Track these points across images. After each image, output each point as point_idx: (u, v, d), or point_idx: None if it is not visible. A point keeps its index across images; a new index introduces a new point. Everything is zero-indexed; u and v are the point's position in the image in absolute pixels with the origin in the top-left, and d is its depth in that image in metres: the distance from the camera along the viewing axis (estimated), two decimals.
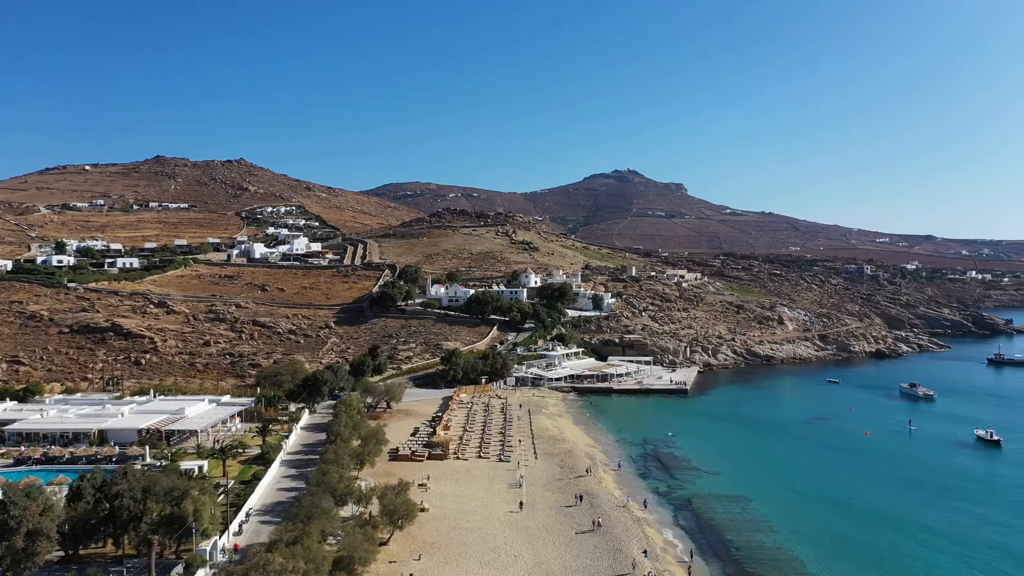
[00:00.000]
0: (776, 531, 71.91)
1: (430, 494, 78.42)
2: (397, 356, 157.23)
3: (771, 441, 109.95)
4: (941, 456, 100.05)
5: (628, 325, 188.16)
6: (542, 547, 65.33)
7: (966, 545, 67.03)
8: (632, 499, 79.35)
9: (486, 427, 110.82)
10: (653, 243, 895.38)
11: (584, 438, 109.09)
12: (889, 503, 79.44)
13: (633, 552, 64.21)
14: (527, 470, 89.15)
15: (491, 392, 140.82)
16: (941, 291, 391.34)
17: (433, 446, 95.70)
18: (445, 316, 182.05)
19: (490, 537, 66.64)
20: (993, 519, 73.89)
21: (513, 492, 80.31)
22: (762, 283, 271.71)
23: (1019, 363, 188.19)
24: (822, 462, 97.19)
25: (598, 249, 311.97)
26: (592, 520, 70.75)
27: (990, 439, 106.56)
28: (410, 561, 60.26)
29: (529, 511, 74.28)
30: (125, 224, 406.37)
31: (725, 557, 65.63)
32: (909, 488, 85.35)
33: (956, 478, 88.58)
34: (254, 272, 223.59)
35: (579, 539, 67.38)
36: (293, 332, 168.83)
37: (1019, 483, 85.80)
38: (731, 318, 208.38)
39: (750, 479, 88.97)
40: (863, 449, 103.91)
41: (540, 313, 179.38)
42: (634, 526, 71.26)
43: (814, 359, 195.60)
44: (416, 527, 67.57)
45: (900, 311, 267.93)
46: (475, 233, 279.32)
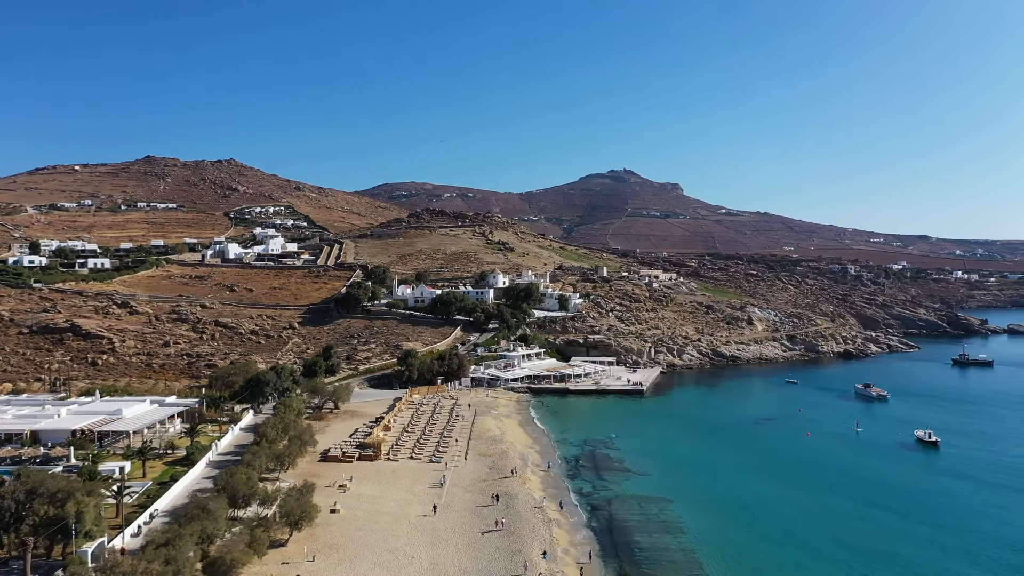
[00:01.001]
0: (685, 533, 72.10)
1: (348, 495, 78.70)
2: (356, 356, 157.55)
3: (711, 443, 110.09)
4: (873, 459, 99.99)
5: (594, 326, 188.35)
6: (444, 548, 65.55)
7: (858, 554, 66.40)
8: (549, 500, 79.56)
9: (427, 428, 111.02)
10: (647, 243, 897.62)
11: (524, 439, 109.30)
12: (801, 508, 79.24)
13: (532, 553, 64.45)
14: (455, 471, 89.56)
15: (445, 393, 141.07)
16: (925, 291, 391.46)
17: (365, 447, 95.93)
18: (409, 317, 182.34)
19: (393, 538, 66.85)
20: (896, 527, 73.28)
21: (433, 493, 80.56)
22: (738, 283, 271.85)
23: (983, 363, 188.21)
24: (752, 464, 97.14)
25: (575, 250, 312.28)
26: (495, 520, 71.02)
27: (928, 440, 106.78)
28: (303, 562, 60.47)
29: (443, 512, 74.52)
30: (112, 224, 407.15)
31: (626, 558, 65.82)
32: (826, 492, 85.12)
33: (877, 483, 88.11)
34: (225, 272, 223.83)
35: (483, 540, 67.58)
36: (255, 333, 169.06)
37: (936, 489, 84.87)
38: (700, 318, 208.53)
39: (677, 481, 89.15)
40: (797, 451, 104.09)
41: (504, 314, 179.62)
42: (543, 527, 71.46)
43: (781, 359, 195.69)
44: (322, 528, 67.92)
45: (875, 311, 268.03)
46: (452, 233, 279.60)
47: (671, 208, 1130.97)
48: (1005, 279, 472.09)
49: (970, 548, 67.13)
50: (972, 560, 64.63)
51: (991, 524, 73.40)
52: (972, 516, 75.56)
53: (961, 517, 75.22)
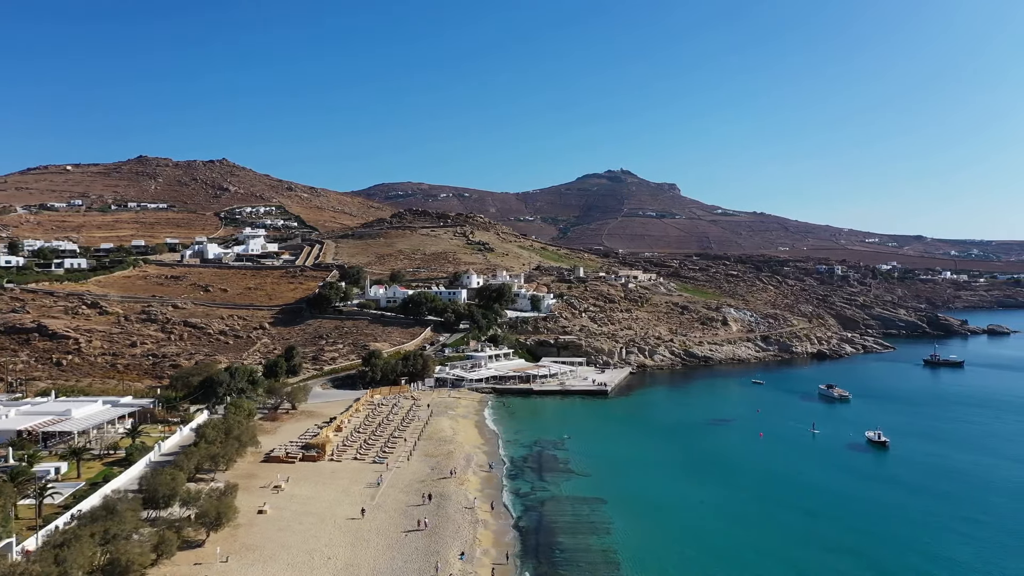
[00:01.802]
0: (611, 534, 72.23)
1: (280, 496, 78.94)
2: (322, 357, 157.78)
3: (661, 444, 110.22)
4: (819, 461, 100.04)
5: (566, 326, 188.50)
6: (363, 549, 65.78)
7: (767, 558, 66.35)
8: (483, 500, 79.79)
9: (379, 429, 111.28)
10: (643, 243, 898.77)
11: (476, 440, 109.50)
12: (730, 510, 78.97)
13: (449, 554, 64.75)
14: (396, 472, 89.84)
15: (407, 393, 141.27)
16: (912, 292, 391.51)
17: (309, 448, 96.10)
18: (380, 317, 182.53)
19: (314, 539, 67.05)
20: (818, 533, 72.57)
21: (368, 493, 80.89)
22: (718, 284, 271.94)
23: (953, 364, 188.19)
24: (697, 466, 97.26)
25: (557, 250, 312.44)
26: (418, 520, 71.35)
27: (878, 441, 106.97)
28: (216, 563, 60.68)
29: (372, 512, 74.75)
30: (102, 224, 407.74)
31: (544, 559, 65.99)
32: (762, 494, 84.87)
33: (814, 486, 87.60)
34: (202, 273, 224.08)
35: (405, 540, 67.83)
36: (224, 333, 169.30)
37: (870, 496, 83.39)
38: (674, 319, 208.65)
39: (617, 482, 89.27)
40: (746, 453, 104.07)
41: (475, 314, 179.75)
42: (468, 528, 71.70)
43: (754, 360, 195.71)
44: (244, 529, 68.21)
45: (855, 312, 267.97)
46: (433, 234, 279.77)
47: (667, 208, 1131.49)
48: (994, 279, 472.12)
49: (886, 557, 66.46)
50: (881, 570, 64.12)
51: (912, 532, 72.35)
52: (900, 524, 74.55)
53: (888, 524, 74.32)
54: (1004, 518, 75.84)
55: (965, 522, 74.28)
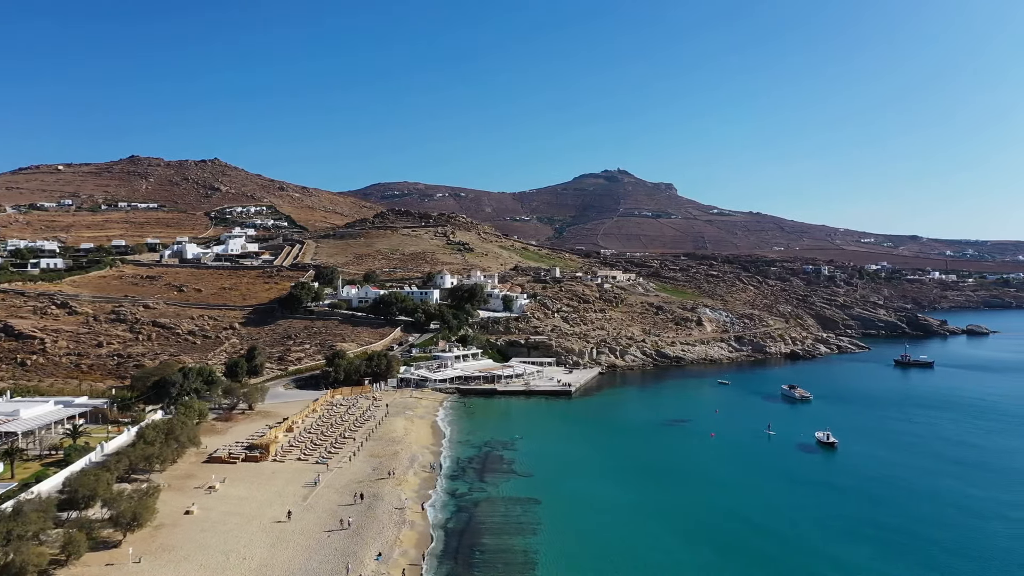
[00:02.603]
0: (537, 534, 72.39)
1: (213, 497, 79.17)
2: (288, 357, 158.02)
3: (612, 444, 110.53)
4: (764, 461, 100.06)
5: (537, 326, 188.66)
6: (282, 549, 65.93)
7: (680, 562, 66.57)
8: (415, 501, 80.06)
9: (330, 429, 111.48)
10: (638, 243, 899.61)
11: (426, 440, 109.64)
12: (659, 512, 78.94)
13: (366, 555, 64.92)
14: (336, 472, 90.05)
15: (369, 394, 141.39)
16: (898, 292, 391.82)
17: (253, 448, 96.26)
18: (351, 317, 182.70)
19: (234, 540, 67.21)
20: (743, 539, 72.26)
21: (302, 493, 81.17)
22: (698, 284, 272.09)
23: (923, 364, 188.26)
24: (640, 466, 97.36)
25: (538, 250, 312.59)
26: (341, 520, 71.62)
27: (827, 442, 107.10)
28: (128, 564, 60.91)
29: (301, 512, 75.01)
30: (91, 224, 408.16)
31: (462, 560, 66.08)
32: (694, 494, 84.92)
33: (751, 488, 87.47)
34: (179, 273, 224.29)
35: (326, 540, 67.99)
36: (192, 333, 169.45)
37: (795, 501, 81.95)
38: (649, 319, 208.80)
39: (558, 483, 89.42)
40: (693, 454, 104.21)
41: (445, 314, 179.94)
42: (393, 528, 71.91)
43: (726, 360, 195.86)
44: (167, 530, 68.52)
45: (834, 312, 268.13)
46: (414, 234, 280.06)
47: (663, 208, 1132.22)
48: (984, 279, 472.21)
49: (787, 561, 65.87)
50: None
51: (823, 538, 70.73)
52: (816, 528, 73.32)
53: (805, 529, 73.30)
54: (920, 524, 74.21)
55: (882, 529, 72.70)
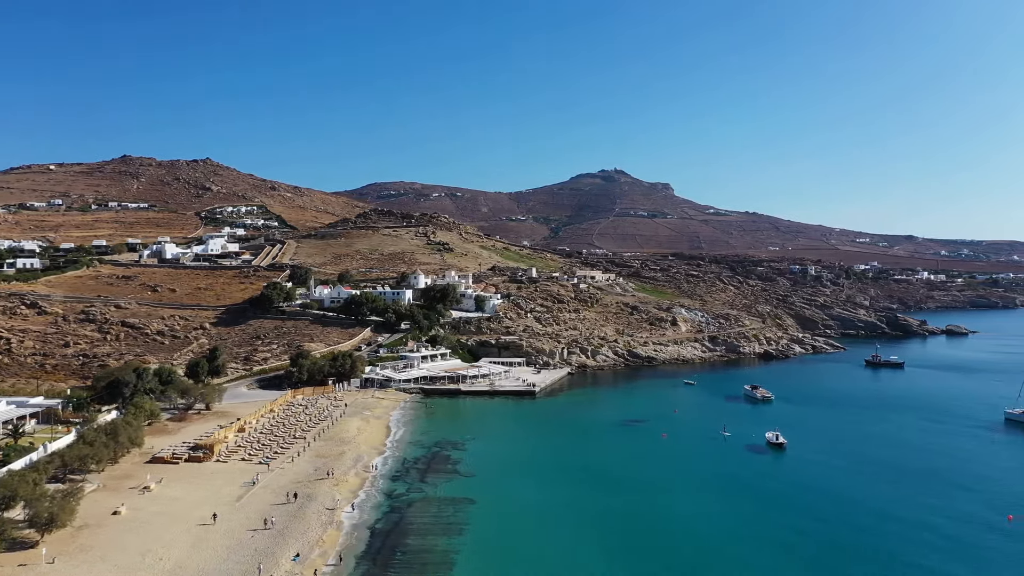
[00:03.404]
0: (463, 535, 72.55)
1: (146, 497, 79.42)
2: (254, 357, 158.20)
3: (564, 444, 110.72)
4: (709, 462, 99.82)
5: (509, 326, 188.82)
6: (202, 549, 66.09)
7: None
8: (347, 501, 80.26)
9: (282, 429, 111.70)
10: (633, 243, 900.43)
11: (377, 440, 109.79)
12: (590, 512, 78.86)
13: (283, 555, 65.14)
14: (278, 472, 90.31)
15: (331, 394, 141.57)
16: (884, 292, 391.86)
17: (197, 448, 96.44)
18: (322, 317, 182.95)
19: (155, 540, 67.39)
20: (667, 543, 72.49)
21: (238, 493, 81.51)
22: (677, 284, 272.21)
23: (893, 365, 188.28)
24: (585, 468, 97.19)
25: (519, 250, 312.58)
26: (265, 519, 71.92)
27: (776, 442, 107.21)
28: (42, 564, 61.12)
29: (234, 512, 75.36)
30: (81, 224, 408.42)
31: (381, 560, 66.17)
32: (628, 496, 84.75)
33: (686, 490, 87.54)
34: (155, 273, 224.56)
35: (249, 541, 68.16)
36: (161, 333, 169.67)
37: (723, 508, 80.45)
38: (623, 319, 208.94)
39: (499, 483, 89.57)
40: (640, 454, 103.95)
41: (416, 314, 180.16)
42: (318, 528, 72.16)
43: (699, 360, 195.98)
44: (90, 530, 68.81)
45: (814, 312, 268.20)
46: (394, 234, 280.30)
47: (659, 208, 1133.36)
48: (973, 279, 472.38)
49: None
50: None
51: (746, 547, 69.17)
52: (733, 534, 72.63)
53: (732, 536, 72.57)
54: (843, 532, 72.70)
55: (801, 534, 71.83)
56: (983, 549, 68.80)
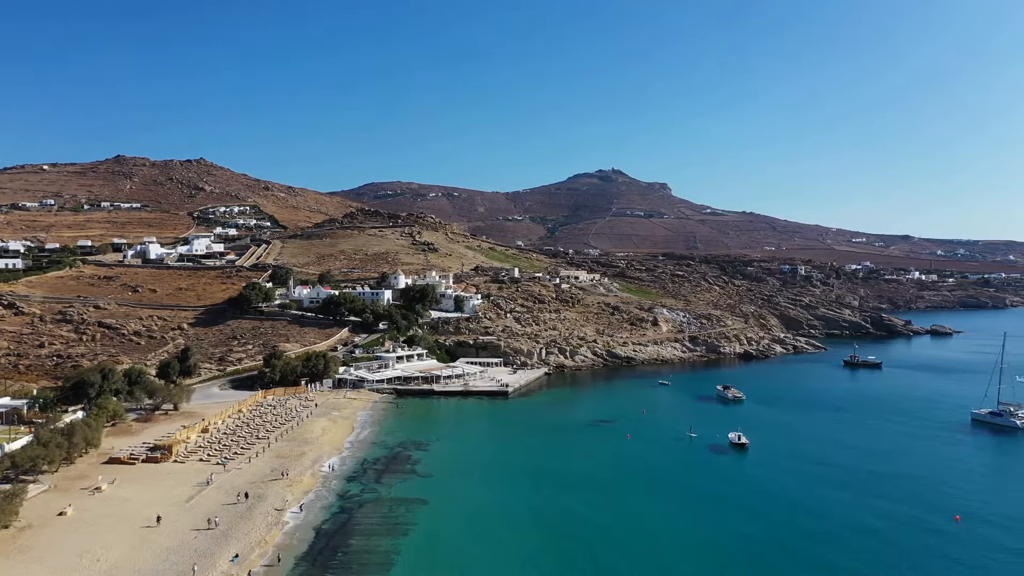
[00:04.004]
0: (408, 535, 72.77)
1: (96, 498, 79.58)
2: (228, 357, 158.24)
3: (527, 445, 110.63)
4: (670, 463, 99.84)
5: (488, 327, 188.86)
6: (143, 551, 66.26)
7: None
8: (297, 502, 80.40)
9: (246, 429, 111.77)
10: (629, 243, 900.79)
11: (340, 440, 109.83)
12: (540, 515, 78.87)
13: (221, 556, 65.27)
14: (234, 473, 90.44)
15: (302, 394, 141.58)
16: (874, 292, 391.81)
17: (156, 449, 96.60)
18: (300, 318, 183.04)
19: (96, 541, 67.52)
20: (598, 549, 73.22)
21: (190, 493, 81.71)
22: (662, 284, 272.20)
23: (871, 365, 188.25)
24: (542, 469, 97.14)
25: (504, 250, 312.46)
26: (208, 519, 72.07)
27: (738, 443, 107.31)
28: None
29: (180, 513, 75.49)
30: (72, 224, 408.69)
31: (321, 561, 66.25)
32: (582, 498, 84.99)
33: (640, 491, 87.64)
34: (138, 273, 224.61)
35: (192, 541, 68.34)
36: (138, 334, 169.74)
37: (669, 511, 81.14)
38: (604, 319, 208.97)
39: (454, 484, 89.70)
40: (602, 455, 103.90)
41: (394, 315, 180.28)
42: (262, 529, 72.32)
43: (678, 360, 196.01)
44: (32, 531, 69.02)
45: (799, 312, 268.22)
46: (380, 234, 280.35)
47: (656, 208, 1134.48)
48: (965, 279, 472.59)
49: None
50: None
51: (691, 553, 68.55)
52: (692, 544, 71.97)
53: (677, 541, 72.42)
54: (793, 536, 72.26)
55: (743, 538, 71.54)
56: (923, 551, 68.93)
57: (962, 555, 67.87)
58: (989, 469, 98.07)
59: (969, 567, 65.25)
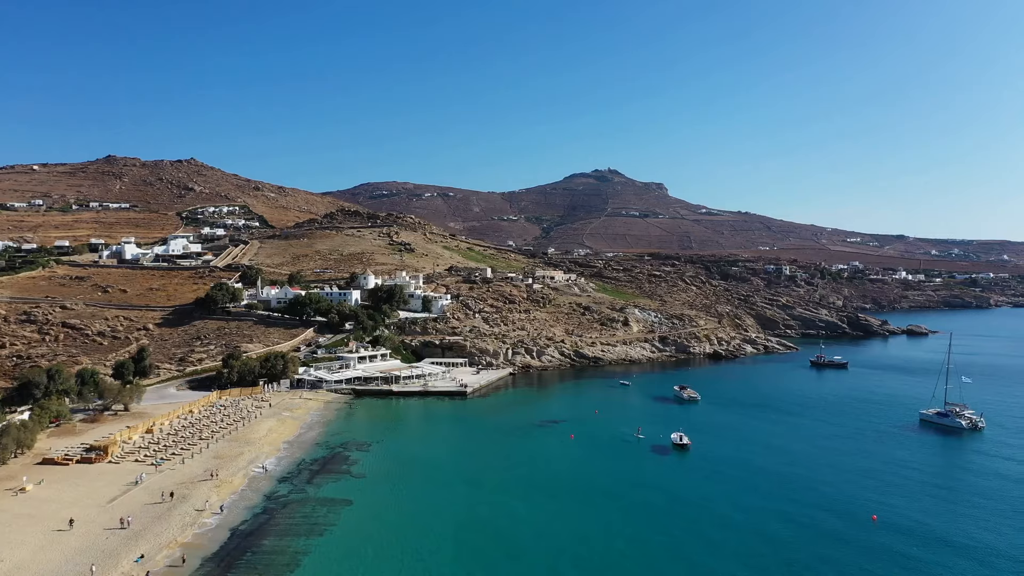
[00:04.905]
0: (322, 535, 73.03)
1: (18, 498, 79.99)
2: (189, 358, 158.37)
3: (468, 446, 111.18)
4: (609, 464, 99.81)
5: (456, 327, 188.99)
6: (51, 551, 66.50)
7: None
8: (218, 501, 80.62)
9: (191, 429, 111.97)
10: (623, 243, 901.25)
11: (282, 440, 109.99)
12: (464, 516, 79.06)
13: (128, 556, 65.46)
14: (166, 473, 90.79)
15: (259, 395, 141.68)
16: (859, 292, 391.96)
17: (92, 450, 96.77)
18: (266, 318, 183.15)
19: (3, 541, 67.67)
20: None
21: (115, 493, 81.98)
22: (639, 284, 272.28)
23: (837, 365, 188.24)
24: (478, 469, 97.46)
25: (483, 251, 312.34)
26: (120, 519, 72.35)
27: (680, 443, 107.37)
28: None
29: (100, 513, 75.79)
30: (60, 224, 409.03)
31: (228, 562, 66.35)
32: (514, 500, 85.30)
33: (568, 494, 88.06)
34: (110, 273, 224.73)
35: (102, 541, 68.59)
36: (102, 334, 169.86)
37: (592, 513, 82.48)
38: (574, 319, 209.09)
39: (384, 485, 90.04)
40: (545, 456, 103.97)
41: (360, 315, 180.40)
42: (177, 529, 72.56)
43: (646, 360, 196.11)
44: None
45: (775, 312, 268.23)
46: (358, 234, 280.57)
47: (651, 208, 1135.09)
48: (952, 279, 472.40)
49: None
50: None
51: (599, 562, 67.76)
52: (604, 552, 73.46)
53: (594, 550, 73.00)
54: (687, 541, 71.91)
55: (644, 545, 70.94)
56: (816, 556, 68.22)
57: (858, 558, 67.40)
58: (924, 470, 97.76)
59: (860, 569, 64.97)
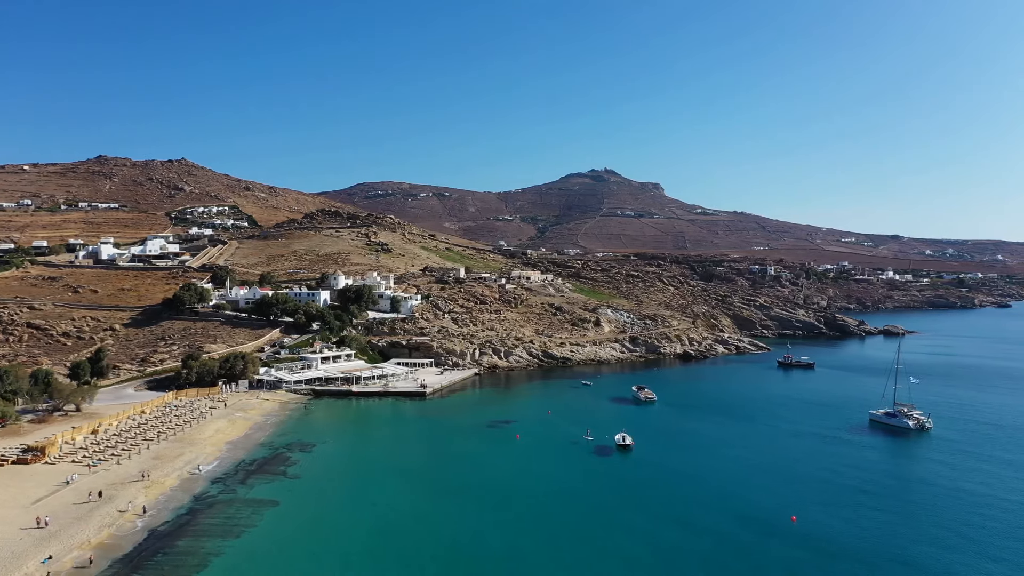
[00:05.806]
0: (240, 536, 73.15)
1: None
2: (151, 358, 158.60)
3: (414, 447, 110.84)
4: (549, 465, 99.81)
5: (424, 327, 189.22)
6: None
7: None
8: (144, 501, 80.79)
9: (139, 429, 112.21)
10: (618, 243, 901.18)
11: (224, 440, 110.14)
12: (386, 520, 78.93)
13: (35, 557, 65.61)
14: (101, 474, 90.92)
15: (216, 395, 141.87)
16: (843, 292, 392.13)
17: (29, 450, 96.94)
18: (234, 318, 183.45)
19: None
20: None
21: (43, 494, 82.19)
22: (616, 284, 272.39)
23: (804, 366, 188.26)
24: (415, 470, 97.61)
25: (461, 251, 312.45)
26: (37, 519, 72.57)
27: (623, 444, 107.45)
28: None
29: (21, 513, 75.88)
30: (48, 224, 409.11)
31: (137, 563, 66.47)
32: (447, 502, 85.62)
33: (502, 495, 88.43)
34: (83, 273, 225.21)
35: (15, 541, 68.65)
36: (67, 335, 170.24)
37: (524, 515, 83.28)
38: (545, 320, 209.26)
39: (317, 486, 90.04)
40: (486, 458, 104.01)
41: (327, 315, 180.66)
42: (95, 530, 72.79)
43: (615, 361, 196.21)
44: None
45: (752, 312, 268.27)
46: (336, 234, 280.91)
47: (647, 208, 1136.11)
48: (940, 279, 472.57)
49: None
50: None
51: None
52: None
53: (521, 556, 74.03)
54: (609, 541, 72.34)
55: (556, 549, 70.26)
56: (749, 551, 68.76)
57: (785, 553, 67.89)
58: (861, 469, 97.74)
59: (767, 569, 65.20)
